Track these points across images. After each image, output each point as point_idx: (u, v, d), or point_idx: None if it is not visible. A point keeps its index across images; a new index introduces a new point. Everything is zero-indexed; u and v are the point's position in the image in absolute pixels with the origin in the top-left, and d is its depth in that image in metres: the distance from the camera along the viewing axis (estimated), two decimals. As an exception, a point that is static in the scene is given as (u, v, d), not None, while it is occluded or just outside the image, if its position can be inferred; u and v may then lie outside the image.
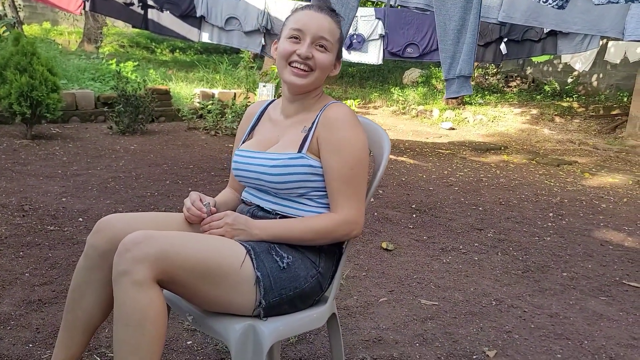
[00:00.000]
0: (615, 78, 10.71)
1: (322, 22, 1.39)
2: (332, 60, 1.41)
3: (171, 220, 1.41)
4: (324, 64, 1.39)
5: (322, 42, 1.38)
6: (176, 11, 5.67)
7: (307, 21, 1.38)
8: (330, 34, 1.39)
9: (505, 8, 3.17)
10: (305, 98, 1.44)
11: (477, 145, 7.42)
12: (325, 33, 1.38)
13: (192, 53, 13.08)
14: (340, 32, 1.43)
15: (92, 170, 4.25)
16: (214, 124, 6.51)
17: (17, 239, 2.73)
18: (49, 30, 12.38)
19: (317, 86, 1.44)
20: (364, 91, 11.48)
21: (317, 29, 1.37)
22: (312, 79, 1.39)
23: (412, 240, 3.25)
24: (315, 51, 1.38)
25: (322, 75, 1.41)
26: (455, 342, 2.07)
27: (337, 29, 1.42)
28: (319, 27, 1.38)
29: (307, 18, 1.38)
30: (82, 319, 1.35)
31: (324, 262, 1.39)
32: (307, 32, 1.37)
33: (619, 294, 2.67)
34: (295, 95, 1.44)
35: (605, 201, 4.72)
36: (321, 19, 1.39)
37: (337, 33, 1.42)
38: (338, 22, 1.43)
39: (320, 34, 1.37)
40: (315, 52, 1.38)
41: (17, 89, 4.83)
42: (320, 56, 1.38)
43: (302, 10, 1.41)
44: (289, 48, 1.38)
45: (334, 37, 1.40)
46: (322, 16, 1.39)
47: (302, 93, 1.43)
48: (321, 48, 1.38)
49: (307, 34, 1.37)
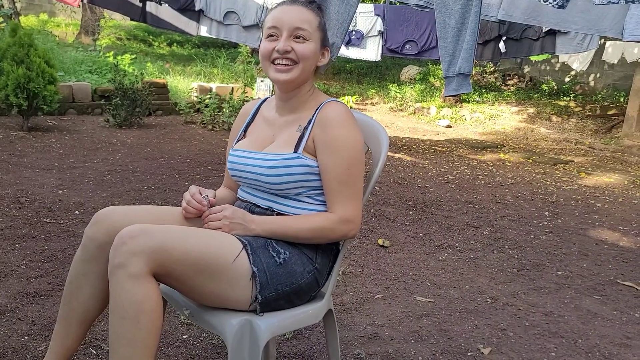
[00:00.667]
0: (613, 78, 10.74)
1: (295, 13, 1.37)
2: (314, 49, 1.38)
3: (169, 214, 1.41)
4: (305, 54, 1.36)
5: (298, 33, 1.36)
6: (175, 4, 5.64)
7: (280, 16, 1.37)
8: (306, 23, 1.36)
9: (505, 6, 3.17)
10: (297, 95, 1.42)
11: (474, 143, 7.43)
12: (300, 23, 1.36)
13: (189, 47, 13.03)
14: (320, 19, 1.40)
15: (88, 163, 4.23)
16: (211, 118, 6.49)
17: (13, 231, 2.72)
18: (46, 21, 12.30)
19: (306, 79, 1.42)
20: (361, 87, 11.47)
21: (291, 21, 1.35)
22: (297, 72, 1.37)
23: (408, 237, 3.26)
24: (294, 43, 1.36)
25: (307, 66, 1.38)
26: (450, 339, 2.08)
27: (315, 17, 1.39)
28: (293, 18, 1.36)
29: (280, 13, 1.37)
30: (79, 310, 1.35)
31: (321, 258, 1.39)
32: (282, 26, 1.36)
33: (613, 293, 2.69)
34: (287, 93, 1.42)
35: (600, 201, 4.74)
36: (294, 11, 1.37)
37: (316, 21, 1.39)
38: (315, 10, 1.40)
39: (295, 25, 1.35)
40: (293, 44, 1.36)
41: (13, 81, 4.80)
42: (300, 47, 1.36)
43: (275, 8, 1.40)
44: (268, 46, 1.37)
45: (312, 25, 1.37)
46: (295, 8, 1.37)
47: (292, 89, 1.41)
48: (299, 39, 1.36)
49: (283, 29, 1.36)
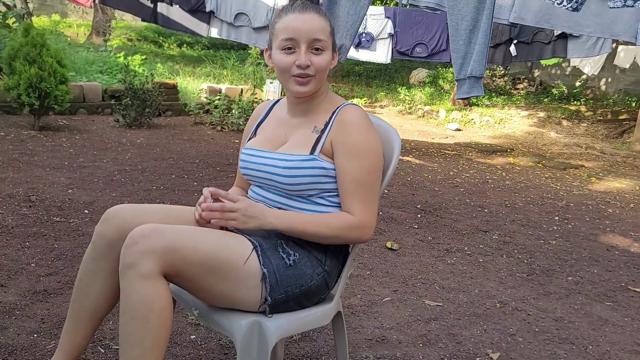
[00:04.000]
0: (624, 83, 10.64)
1: (311, 23, 1.32)
2: (330, 58, 1.37)
3: (179, 214, 1.41)
4: (323, 66, 1.35)
5: (317, 45, 1.33)
6: (185, 5, 5.67)
7: (297, 26, 1.32)
8: (323, 33, 1.33)
9: (517, 9, 3.15)
10: (311, 99, 1.41)
11: (483, 147, 7.40)
12: (318, 34, 1.32)
13: (199, 48, 13.08)
14: (329, 23, 1.37)
15: (98, 163, 4.26)
16: (221, 119, 6.51)
17: (24, 230, 2.74)
18: (58, 22, 12.41)
19: (319, 86, 1.41)
20: (370, 90, 11.45)
21: (309, 32, 1.31)
22: (315, 84, 1.36)
23: (417, 241, 3.24)
24: (313, 56, 1.33)
25: (323, 75, 1.38)
26: (458, 343, 2.07)
27: (327, 22, 1.36)
28: (311, 29, 1.32)
29: (296, 23, 1.32)
30: (88, 308, 1.35)
31: (330, 260, 1.39)
32: (300, 39, 1.32)
33: (624, 299, 2.66)
34: (299, 98, 1.41)
35: (611, 206, 4.70)
36: (310, 20, 1.32)
37: (328, 27, 1.36)
38: (325, 15, 1.37)
39: (314, 37, 1.32)
40: (312, 57, 1.33)
41: (25, 80, 4.84)
42: (318, 59, 1.34)
43: (287, 15, 1.34)
44: (287, 60, 1.33)
45: (327, 33, 1.35)
46: (309, 16, 1.33)
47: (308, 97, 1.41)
48: (317, 50, 1.33)
49: (301, 41, 1.32)
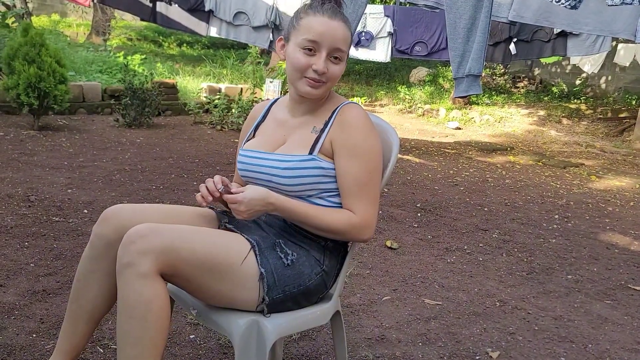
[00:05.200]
0: (624, 81, 10.63)
1: (337, 32, 1.31)
2: (344, 68, 1.36)
3: (177, 213, 1.40)
4: (337, 75, 1.35)
5: (337, 54, 1.32)
6: (185, 5, 5.66)
7: (323, 32, 1.30)
8: (344, 44, 1.33)
9: (516, 7, 3.14)
10: (316, 100, 1.40)
11: (483, 146, 7.39)
12: (341, 44, 1.32)
13: (199, 47, 13.08)
14: (351, 33, 1.38)
15: (97, 162, 4.26)
16: (220, 118, 6.50)
17: (23, 229, 2.73)
18: (57, 22, 12.41)
19: (329, 91, 1.42)
20: (370, 89, 11.44)
21: (333, 41, 1.31)
22: (325, 89, 1.36)
23: (417, 239, 3.24)
24: (330, 64, 1.33)
25: (334, 84, 1.38)
26: (458, 342, 2.06)
27: (349, 33, 1.36)
28: (335, 38, 1.31)
29: (323, 28, 1.30)
30: (86, 308, 1.35)
31: (329, 259, 1.38)
32: (323, 44, 1.30)
33: (624, 297, 2.66)
34: (304, 98, 1.40)
35: (611, 204, 4.69)
36: (337, 28, 1.31)
37: (350, 38, 1.36)
38: (348, 24, 1.37)
39: (336, 46, 1.31)
40: (330, 65, 1.32)
41: (25, 80, 4.84)
42: (335, 68, 1.33)
43: (315, 17, 1.32)
44: (304, 61, 1.32)
45: (347, 44, 1.35)
46: (336, 24, 1.31)
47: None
48: (336, 60, 1.33)
49: (323, 47, 1.31)
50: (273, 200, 1.29)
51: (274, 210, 1.30)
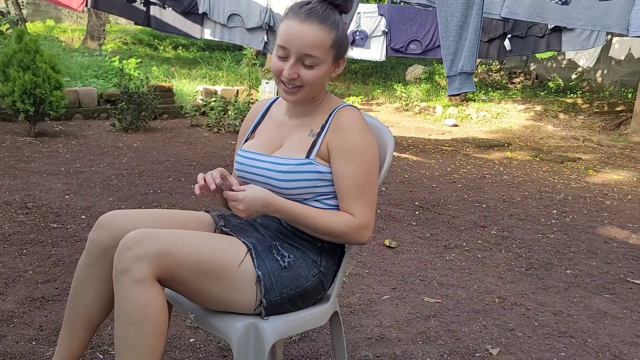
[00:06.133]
0: (620, 74, 10.65)
1: (306, 36, 1.25)
2: (324, 72, 1.31)
3: (173, 218, 1.40)
4: (310, 80, 1.29)
5: (307, 60, 1.28)
6: (178, 8, 5.65)
7: (290, 37, 1.26)
8: (317, 48, 1.26)
9: (508, 4, 3.14)
10: (309, 102, 1.39)
11: (480, 142, 7.40)
12: (309, 49, 1.26)
13: (194, 50, 13.07)
14: (335, 33, 1.29)
15: (95, 168, 4.25)
16: (217, 121, 6.50)
17: (21, 237, 2.73)
18: (52, 27, 12.40)
19: (315, 95, 1.37)
20: (366, 88, 11.45)
21: (300, 46, 1.26)
22: (302, 94, 1.33)
23: (415, 238, 3.24)
24: (302, 69, 1.28)
25: (313, 88, 1.33)
26: (458, 340, 2.07)
27: (329, 34, 1.28)
28: (302, 44, 1.25)
29: (291, 33, 1.26)
30: (84, 315, 1.35)
31: (326, 261, 1.39)
32: (291, 49, 1.27)
33: (623, 291, 2.66)
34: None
35: (609, 198, 4.70)
36: (306, 33, 1.25)
37: (329, 41, 1.28)
38: (332, 24, 1.28)
39: (304, 52, 1.26)
40: (301, 70, 1.28)
41: (20, 87, 4.83)
42: (307, 73, 1.28)
43: (288, 21, 1.28)
44: (277, 65, 1.30)
45: (323, 48, 1.28)
46: (307, 29, 1.25)
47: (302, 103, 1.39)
48: (307, 66, 1.28)
49: (292, 52, 1.27)
50: (273, 201, 1.28)
51: (273, 212, 1.30)
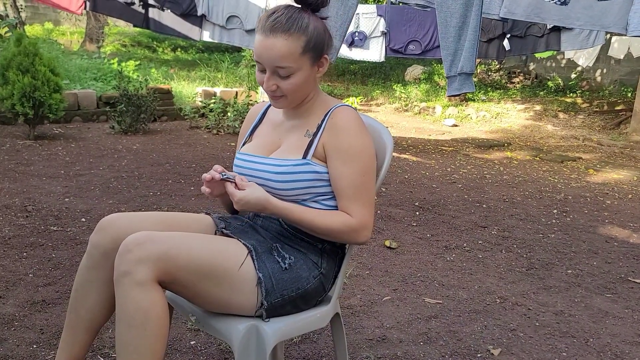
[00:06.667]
0: (619, 73, 10.65)
1: (273, 50, 1.26)
2: (303, 78, 1.31)
3: (173, 220, 1.40)
4: (290, 89, 1.31)
5: (280, 72, 1.29)
6: (177, 10, 5.66)
7: (260, 52, 1.29)
8: (286, 59, 1.27)
9: (506, 4, 3.15)
10: (302, 104, 1.40)
11: (480, 142, 7.40)
12: (279, 62, 1.27)
13: (193, 52, 13.07)
14: (305, 38, 1.28)
15: (94, 170, 4.25)
16: (216, 122, 6.50)
17: (21, 240, 2.73)
18: (51, 30, 12.40)
19: (302, 98, 1.38)
20: (366, 88, 11.45)
21: (271, 60, 1.28)
22: (287, 101, 1.35)
23: (416, 238, 3.24)
24: (280, 80, 1.30)
25: (297, 94, 1.34)
26: (459, 340, 2.07)
27: (296, 44, 1.27)
28: (271, 57, 1.27)
29: (259, 48, 1.28)
30: (85, 318, 1.35)
31: (326, 262, 1.38)
32: (264, 63, 1.29)
33: (624, 291, 2.66)
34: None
35: (610, 197, 4.70)
36: (271, 47, 1.26)
37: (298, 48, 1.27)
38: (299, 31, 1.27)
39: (275, 64, 1.28)
40: (278, 81, 1.30)
41: (19, 90, 4.83)
42: (284, 83, 1.30)
43: (257, 35, 1.30)
44: (259, 77, 1.34)
45: (293, 56, 1.27)
46: (271, 42, 1.26)
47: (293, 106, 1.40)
48: (282, 77, 1.30)
49: (265, 65, 1.30)
50: (268, 206, 1.30)
51: (270, 213, 1.32)
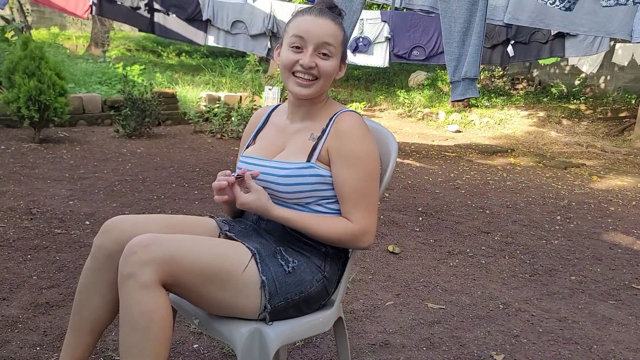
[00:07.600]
0: (623, 80, 10.64)
1: (324, 27, 1.33)
2: (336, 66, 1.37)
3: (178, 223, 1.40)
4: (328, 71, 1.35)
5: (325, 49, 1.33)
6: (182, 15, 5.70)
7: (308, 28, 1.32)
8: (333, 39, 1.34)
9: (511, 10, 3.16)
10: (312, 104, 1.42)
11: (483, 148, 7.39)
12: (328, 38, 1.33)
13: (198, 56, 13.14)
14: (343, 33, 1.38)
15: (99, 174, 4.27)
16: (220, 127, 6.52)
17: (25, 242, 2.74)
18: (57, 34, 12.49)
19: (322, 93, 1.41)
20: (369, 94, 11.47)
21: (319, 35, 1.32)
22: (317, 87, 1.36)
23: (419, 244, 3.24)
24: (319, 59, 1.33)
25: (327, 82, 1.38)
26: (462, 346, 2.06)
27: (340, 31, 1.36)
28: (321, 33, 1.32)
29: (308, 24, 1.33)
30: (89, 320, 1.35)
31: (330, 266, 1.39)
32: (309, 39, 1.32)
33: (628, 297, 2.65)
34: (301, 101, 1.42)
35: (613, 204, 4.68)
36: (323, 24, 1.33)
37: (341, 35, 1.36)
38: (341, 24, 1.37)
39: (323, 40, 1.32)
40: (318, 60, 1.33)
41: (25, 93, 4.86)
42: (324, 64, 1.34)
43: (302, 16, 1.35)
44: (291, 57, 1.34)
45: (337, 40, 1.35)
46: (323, 21, 1.33)
47: (308, 101, 1.41)
48: (324, 55, 1.34)
49: (309, 42, 1.32)
50: (269, 215, 1.33)
51: (272, 219, 1.35)
